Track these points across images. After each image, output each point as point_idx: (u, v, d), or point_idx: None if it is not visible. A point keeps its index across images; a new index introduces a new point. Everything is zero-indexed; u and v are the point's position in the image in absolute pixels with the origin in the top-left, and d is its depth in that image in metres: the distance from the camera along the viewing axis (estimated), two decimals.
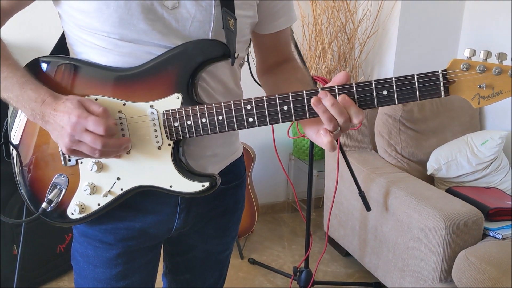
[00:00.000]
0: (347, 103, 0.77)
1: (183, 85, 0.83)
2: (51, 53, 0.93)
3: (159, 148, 0.86)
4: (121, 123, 0.85)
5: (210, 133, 0.84)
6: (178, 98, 0.84)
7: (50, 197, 0.88)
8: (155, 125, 0.85)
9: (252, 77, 1.40)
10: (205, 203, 1.01)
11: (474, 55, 0.74)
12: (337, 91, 0.78)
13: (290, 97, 0.80)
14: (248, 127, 0.83)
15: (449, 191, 2.11)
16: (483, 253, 1.68)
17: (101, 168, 0.87)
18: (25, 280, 2.08)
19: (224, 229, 1.10)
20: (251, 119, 0.82)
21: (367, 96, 0.78)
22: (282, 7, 1.00)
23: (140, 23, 0.82)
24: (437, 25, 2.62)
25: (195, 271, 1.13)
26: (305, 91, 0.79)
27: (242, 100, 0.81)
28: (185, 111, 0.83)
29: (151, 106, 0.84)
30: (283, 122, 0.82)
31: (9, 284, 2.03)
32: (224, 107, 0.82)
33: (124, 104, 0.84)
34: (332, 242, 2.56)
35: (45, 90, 0.81)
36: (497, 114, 2.47)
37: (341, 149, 1.98)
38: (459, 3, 2.62)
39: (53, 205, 0.89)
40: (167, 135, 0.85)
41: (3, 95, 0.82)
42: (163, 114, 0.84)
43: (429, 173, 2.29)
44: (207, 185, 0.86)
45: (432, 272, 1.80)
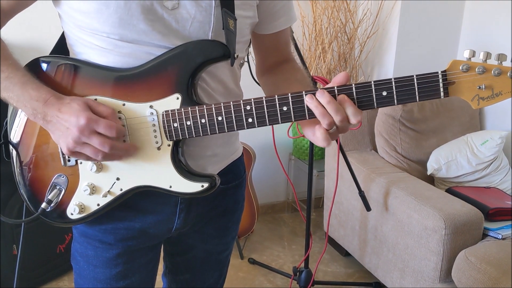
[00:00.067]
0: (345, 102, 0.77)
1: (183, 86, 0.83)
2: (51, 53, 0.93)
3: (159, 148, 0.86)
4: (121, 123, 0.85)
5: (209, 134, 0.84)
6: (177, 98, 0.84)
7: (49, 197, 0.89)
8: (154, 125, 0.85)
9: (252, 77, 1.39)
10: (205, 203, 1.01)
11: (473, 56, 0.74)
12: (336, 91, 0.78)
13: (289, 97, 0.80)
14: (247, 128, 0.83)
15: (449, 191, 2.11)
16: (483, 253, 1.68)
17: (100, 168, 0.87)
18: (25, 280, 2.08)
19: (224, 229, 1.10)
20: (250, 120, 0.82)
21: (366, 96, 0.78)
22: (282, 7, 1.00)
23: (140, 23, 0.82)
24: (437, 25, 2.62)
25: (195, 271, 1.13)
26: (304, 92, 0.79)
27: (241, 100, 0.81)
28: (184, 111, 0.83)
29: (150, 106, 0.84)
30: (282, 122, 0.82)
31: (9, 284, 2.03)
32: (223, 108, 0.82)
33: (123, 104, 0.84)
34: (332, 242, 2.56)
35: (46, 89, 0.81)
36: (497, 114, 2.47)
37: (341, 149, 1.98)
38: (459, 3, 2.62)
39: (52, 205, 0.89)
40: (166, 136, 0.85)
41: (4, 95, 0.82)
42: (163, 114, 0.84)
43: (429, 173, 2.29)
44: (206, 185, 0.86)
45: (432, 272, 1.80)
